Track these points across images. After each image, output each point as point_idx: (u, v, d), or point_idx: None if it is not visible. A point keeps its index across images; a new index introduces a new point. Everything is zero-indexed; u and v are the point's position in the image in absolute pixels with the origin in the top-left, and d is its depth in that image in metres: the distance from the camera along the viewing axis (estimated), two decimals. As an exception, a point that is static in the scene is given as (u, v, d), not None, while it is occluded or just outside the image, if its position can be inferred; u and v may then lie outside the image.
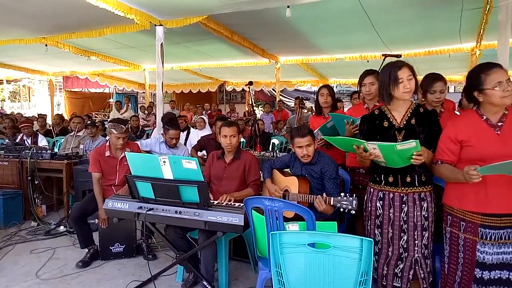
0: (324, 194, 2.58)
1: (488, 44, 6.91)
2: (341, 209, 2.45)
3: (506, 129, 1.96)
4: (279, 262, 1.89)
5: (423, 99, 2.92)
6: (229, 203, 2.83)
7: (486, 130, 1.99)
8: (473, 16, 5.56)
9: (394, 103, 2.25)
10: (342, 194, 2.48)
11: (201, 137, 5.15)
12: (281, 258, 1.89)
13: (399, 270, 2.24)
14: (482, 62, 2.07)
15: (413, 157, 2.02)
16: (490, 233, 1.97)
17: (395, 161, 2.13)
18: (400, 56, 4.15)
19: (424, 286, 2.22)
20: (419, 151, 2.00)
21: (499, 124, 1.99)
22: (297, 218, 2.38)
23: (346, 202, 2.43)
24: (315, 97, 3.76)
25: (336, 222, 2.34)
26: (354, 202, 2.41)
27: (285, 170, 3.18)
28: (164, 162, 2.57)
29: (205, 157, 4.60)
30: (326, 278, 1.83)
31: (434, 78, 2.86)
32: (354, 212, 2.43)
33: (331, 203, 2.49)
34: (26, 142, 5.74)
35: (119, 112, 10.80)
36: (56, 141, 6.88)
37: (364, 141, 2.10)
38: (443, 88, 2.85)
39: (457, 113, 3.15)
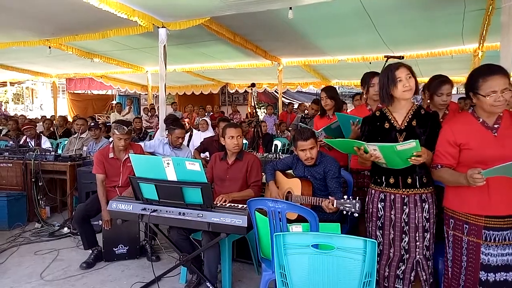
0: (329, 197, 2.58)
1: (491, 46, 6.89)
2: (344, 212, 2.46)
3: (503, 131, 1.97)
4: (282, 263, 1.90)
5: (429, 101, 2.91)
6: (224, 203, 2.83)
7: (483, 133, 1.99)
8: (476, 18, 5.55)
9: (395, 104, 2.26)
10: (346, 196, 2.49)
11: (204, 138, 5.16)
12: (284, 259, 1.89)
13: (400, 271, 2.24)
14: (487, 63, 2.05)
15: (413, 157, 2.02)
16: (494, 235, 1.97)
17: (396, 162, 2.13)
18: (403, 57, 4.15)
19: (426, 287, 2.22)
20: (419, 152, 2.00)
21: (496, 126, 1.99)
22: (300, 220, 2.39)
23: (349, 205, 2.44)
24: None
25: (339, 223, 2.35)
26: (357, 205, 2.41)
27: (288, 171, 3.19)
28: (168, 164, 2.58)
29: (208, 158, 4.62)
30: (330, 279, 1.83)
31: (442, 81, 2.86)
32: (357, 215, 2.43)
33: (334, 205, 2.50)
34: (29, 144, 5.77)
35: (120, 114, 10.82)
36: (60, 143, 6.91)
37: (364, 143, 2.11)
38: (450, 91, 2.85)
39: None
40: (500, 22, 3.96)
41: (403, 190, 2.24)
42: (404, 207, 2.23)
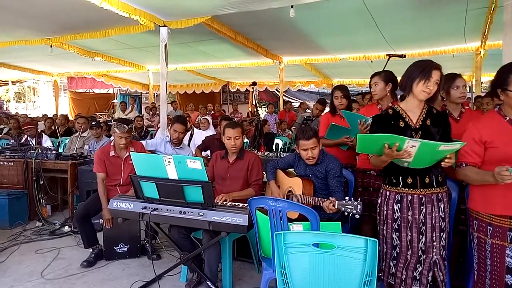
0: (330, 198, 2.57)
1: (493, 44, 6.86)
2: (346, 213, 2.45)
3: None
4: (283, 262, 1.89)
5: (445, 99, 2.86)
6: (224, 202, 2.82)
7: (509, 131, 1.96)
8: (478, 16, 5.53)
9: (409, 102, 2.23)
10: (347, 198, 2.47)
11: (205, 137, 5.16)
12: (285, 258, 1.89)
13: (418, 273, 2.19)
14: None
15: (447, 159, 1.99)
16: None
17: (423, 162, 2.06)
18: (405, 56, 4.14)
19: None
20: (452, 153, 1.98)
21: None
22: (301, 219, 2.38)
23: (350, 206, 2.42)
24: (330, 97, 3.71)
25: (340, 222, 2.34)
26: (359, 206, 2.39)
27: (289, 170, 3.18)
28: (169, 162, 2.58)
29: (209, 157, 4.61)
30: (331, 278, 1.82)
31: (453, 75, 2.82)
32: (358, 216, 2.42)
33: (335, 207, 2.48)
34: (30, 143, 5.78)
35: (124, 113, 10.84)
36: (61, 141, 6.91)
37: (407, 138, 1.96)
38: (465, 84, 2.82)
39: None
40: (503, 20, 3.94)
41: (421, 190, 2.19)
42: (422, 207, 2.19)
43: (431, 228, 2.18)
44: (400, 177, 2.23)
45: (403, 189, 2.23)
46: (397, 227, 2.25)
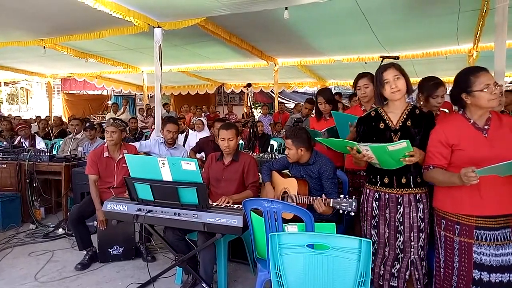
0: (323, 195, 2.59)
1: (485, 46, 6.93)
2: (341, 211, 2.46)
3: (493, 132, 2.00)
4: (278, 263, 1.90)
5: (422, 103, 2.92)
6: (228, 205, 2.83)
7: (474, 134, 2.02)
8: (470, 18, 5.58)
9: (389, 104, 2.30)
10: (342, 196, 2.49)
11: (200, 139, 5.15)
12: (280, 260, 1.89)
13: (395, 270, 2.25)
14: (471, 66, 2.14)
15: (407, 158, 2.03)
16: (485, 234, 1.99)
17: (389, 163, 2.14)
18: (398, 57, 4.16)
19: (418, 287, 2.22)
20: (411, 152, 2.01)
21: (486, 127, 2.02)
22: (296, 219, 2.39)
23: (345, 204, 2.44)
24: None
25: (334, 223, 2.35)
26: (354, 204, 2.42)
27: (284, 171, 3.19)
28: (163, 164, 2.57)
29: (204, 159, 4.61)
30: (325, 279, 1.83)
31: (436, 83, 2.89)
32: (353, 214, 2.44)
33: (331, 205, 2.50)
34: (24, 145, 5.73)
35: (115, 114, 10.78)
36: (55, 143, 6.87)
37: (356, 143, 2.14)
38: (444, 93, 2.91)
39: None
40: (494, 23, 3.98)
41: (398, 189, 2.25)
42: (399, 206, 2.24)
43: (409, 228, 2.23)
44: (378, 176, 2.32)
45: (381, 187, 2.31)
46: (375, 224, 2.32)
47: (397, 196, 2.25)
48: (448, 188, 2.07)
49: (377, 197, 2.32)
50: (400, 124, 2.26)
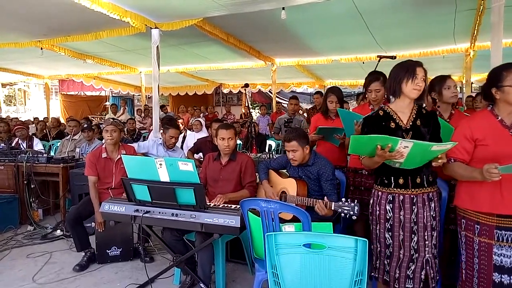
0: (325, 198, 2.58)
1: (482, 45, 6.95)
2: (342, 214, 2.46)
3: None
4: (275, 263, 1.90)
5: (437, 101, 2.89)
6: (225, 205, 2.83)
7: (500, 131, 2.00)
8: (467, 17, 5.60)
9: (399, 103, 2.25)
10: (344, 199, 2.49)
11: (198, 139, 5.15)
12: (277, 259, 1.90)
13: (410, 271, 2.21)
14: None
15: (439, 159, 2.02)
16: (507, 235, 1.96)
17: (414, 162, 2.08)
18: (395, 57, 4.18)
19: (433, 285, 2.21)
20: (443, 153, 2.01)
21: None
22: (295, 219, 2.39)
23: (347, 208, 2.44)
24: (323, 99, 3.68)
25: (331, 222, 2.35)
26: (356, 208, 2.42)
27: (282, 171, 3.20)
28: (161, 164, 2.58)
29: (202, 159, 4.61)
30: (322, 279, 1.84)
31: (443, 77, 2.86)
32: (355, 217, 2.43)
33: (332, 208, 2.50)
34: (21, 146, 5.72)
35: (114, 115, 10.78)
36: (52, 144, 6.86)
37: (400, 139, 1.96)
38: (455, 84, 2.87)
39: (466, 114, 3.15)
40: (491, 22, 4.00)
41: (412, 190, 2.21)
42: (413, 207, 2.21)
43: (422, 227, 2.20)
44: (392, 178, 2.24)
45: (394, 189, 2.25)
46: (389, 226, 2.27)
47: (411, 196, 2.21)
48: (468, 186, 2.06)
49: (391, 199, 2.26)
50: (411, 123, 2.23)
